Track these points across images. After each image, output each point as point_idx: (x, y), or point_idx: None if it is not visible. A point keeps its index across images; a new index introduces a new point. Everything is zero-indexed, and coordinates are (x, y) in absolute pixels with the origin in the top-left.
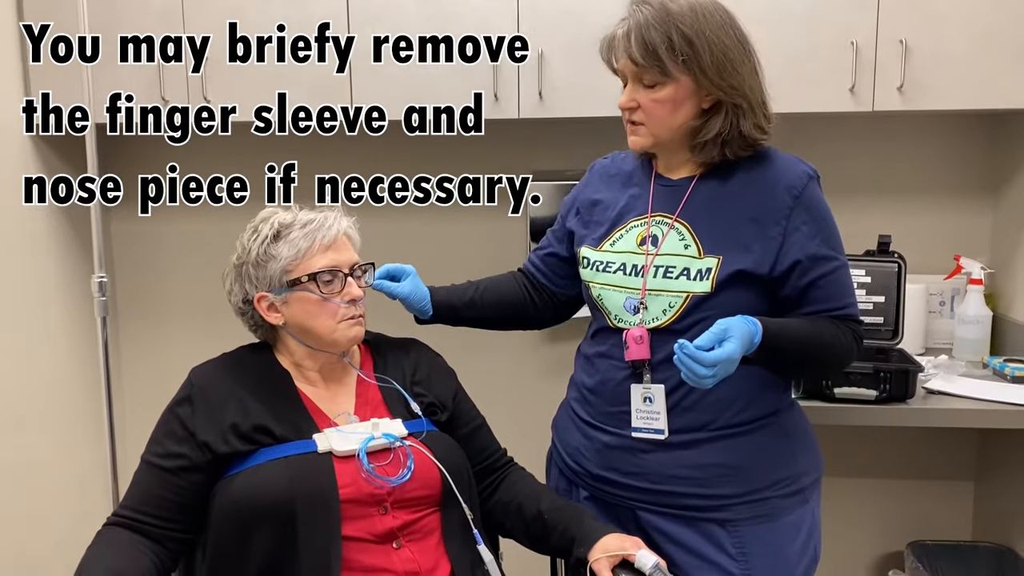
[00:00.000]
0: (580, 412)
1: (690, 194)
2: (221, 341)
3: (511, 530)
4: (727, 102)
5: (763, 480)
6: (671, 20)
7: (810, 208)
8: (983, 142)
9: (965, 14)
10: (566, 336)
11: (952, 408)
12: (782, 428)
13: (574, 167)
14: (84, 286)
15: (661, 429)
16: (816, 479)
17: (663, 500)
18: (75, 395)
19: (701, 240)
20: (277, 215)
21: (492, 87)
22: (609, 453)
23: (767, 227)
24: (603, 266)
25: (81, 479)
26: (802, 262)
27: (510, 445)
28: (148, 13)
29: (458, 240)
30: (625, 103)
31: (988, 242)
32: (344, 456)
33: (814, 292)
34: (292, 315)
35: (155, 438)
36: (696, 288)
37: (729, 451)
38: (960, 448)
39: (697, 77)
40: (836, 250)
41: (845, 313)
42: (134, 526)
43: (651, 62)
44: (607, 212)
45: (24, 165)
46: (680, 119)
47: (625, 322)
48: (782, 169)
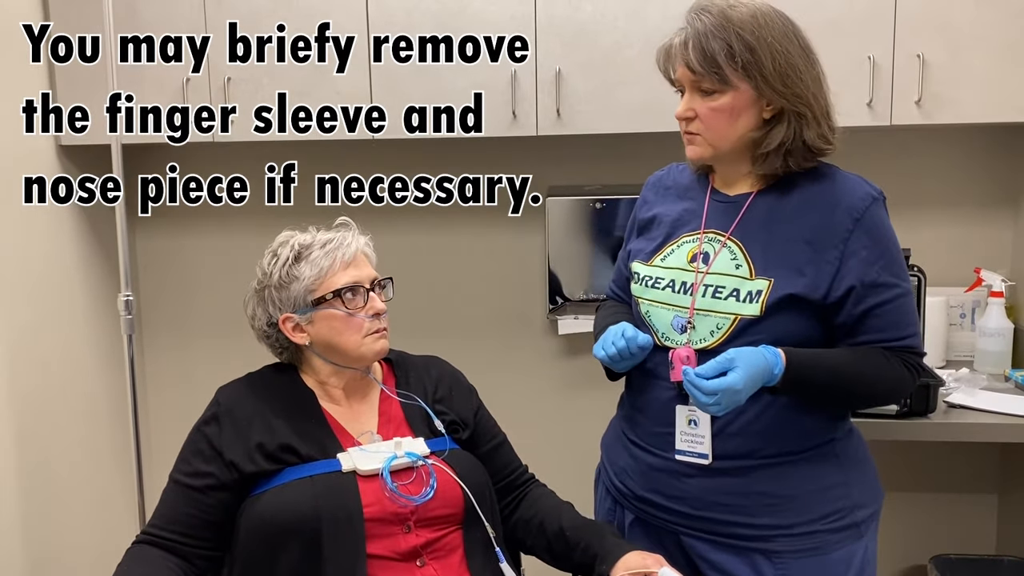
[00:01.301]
0: (627, 431)
1: (746, 211)
2: (246, 356)
3: (533, 547)
4: (790, 111)
5: (812, 512)
6: (731, 27)
7: (871, 232)
8: (1003, 154)
9: (982, 28)
10: (583, 350)
11: (974, 422)
12: (836, 457)
13: (591, 183)
14: (110, 303)
15: (705, 453)
16: (873, 512)
17: (706, 527)
18: (101, 412)
19: (753, 260)
20: (295, 237)
21: (510, 105)
22: (653, 475)
23: (823, 250)
24: (652, 282)
25: (107, 496)
26: (857, 288)
27: (530, 461)
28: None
29: (473, 256)
30: (682, 112)
31: (1009, 254)
32: (368, 475)
33: (871, 321)
34: (318, 333)
35: (183, 457)
36: (745, 311)
37: (777, 480)
38: (983, 461)
39: (758, 85)
40: (898, 277)
41: (903, 345)
42: (162, 544)
43: (709, 69)
44: (660, 227)
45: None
46: (740, 129)
47: (672, 341)
48: (844, 189)
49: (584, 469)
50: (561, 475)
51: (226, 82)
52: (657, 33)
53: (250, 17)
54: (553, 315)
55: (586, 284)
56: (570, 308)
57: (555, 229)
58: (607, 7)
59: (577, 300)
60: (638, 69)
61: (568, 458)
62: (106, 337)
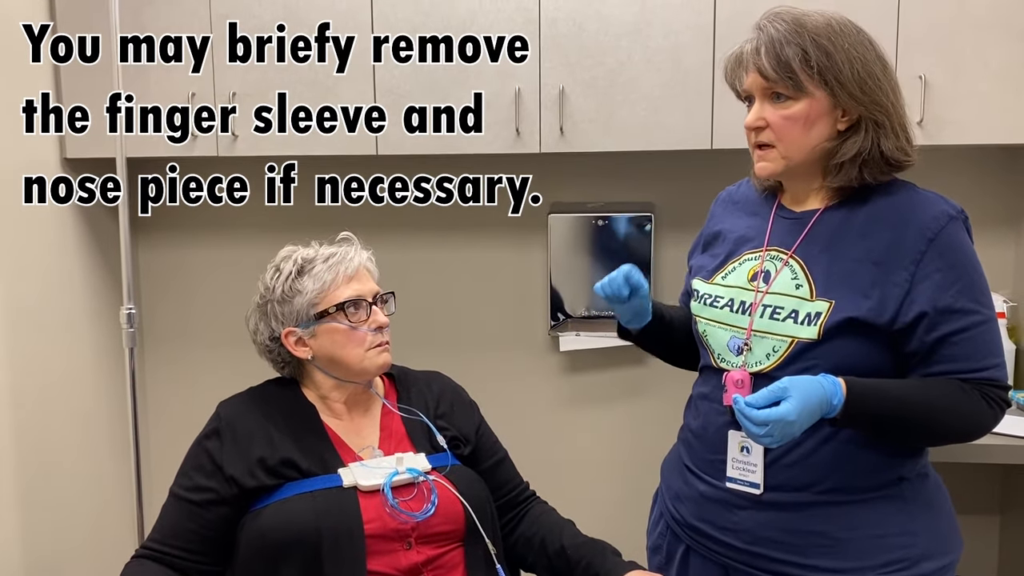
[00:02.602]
0: (684, 456)
1: (811, 228)
2: (248, 370)
3: (533, 565)
4: (868, 119)
5: (870, 559)
6: (806, 33)
7: (946, 254)
8: (1004, 176)
9: (983, 50)
10: (584, 367)
11: (975, 443)
12: (903, 501)
13: (594, 200)
14: (112, 315)
15: (756, 483)
16: (944, 566)
17: (755, 562)
18: (101, 424)
19: (815, 280)
20: (298, 252)
21: (514, 122)
22: (704, 504)
23: (892, 272)
24: (711, 300)
25: (107, 509)
26: (929, 315)
27: (532, 478)
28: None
29: (475, 272)
30: (752, 122)
31: (1011, 275)
32: (369, 491)
33: (946, 350)
34: (320, 347)
35: (183, 471)
36: (802, 333)
37: (833, 519)
38: (985, 483)
39: (835, 91)
40: (979, 303)
41: (983, 377)
42: (162, 558)
43: (784, 74)
44: (724, 243)
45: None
46: (814, 139)
47: (728, 363)
48: (918, 207)
49: (585, 486)
50: (562, 492)
51: (231, 97)
52: (660, 52)
53: (252, 19)
54: (555, 332)
55: (587, 301)
56: (571, 325)
57: (557, 246)
58: (611, 26)
59: (579, 317)
60: (641, 88)
61: (569, 475)
62: (107, 349)
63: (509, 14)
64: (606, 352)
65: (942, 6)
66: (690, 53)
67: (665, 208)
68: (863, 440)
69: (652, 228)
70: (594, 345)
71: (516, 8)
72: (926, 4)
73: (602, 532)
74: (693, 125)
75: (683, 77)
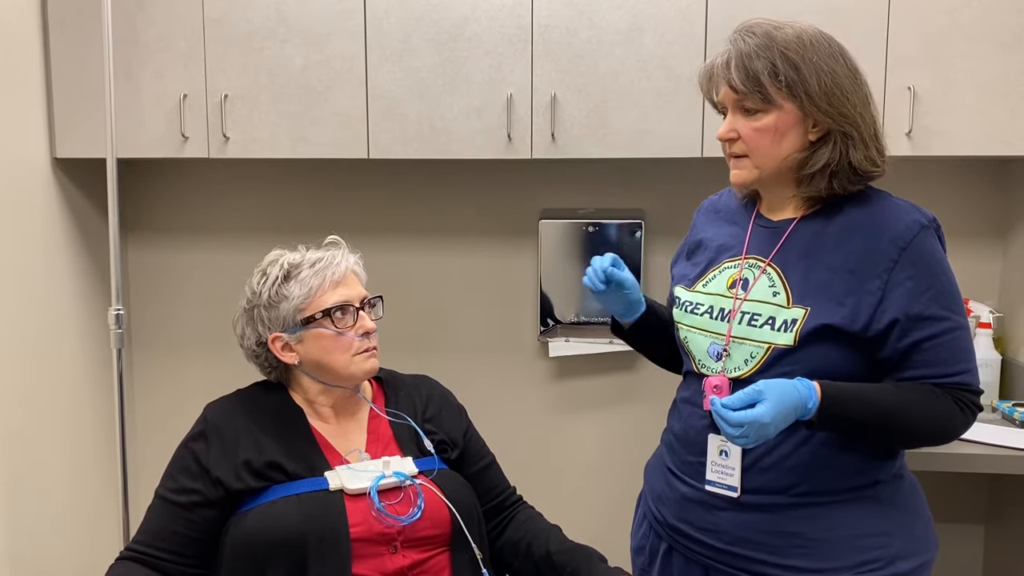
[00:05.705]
0: (667, 458)
1: (787, 237)
2: (235, 372)
3: (520, 570)
4: (836, 131)
5: (845, 559)
6: (775, 46)
7: (918, 262)
8: (992, 187)
9: (972, 61)
10: (572, 373)
11: (961, 453)
12: (878, 503)
13: (585, 206)
14: (99, 316)
15: (734, 486)
16: (918, 566)
17: (734, 562)
18: (87, 426)
19: (792, 288)
20: (285, 256)
21: (505, 128)
22: (685, 505)
23: (866, 280)
24: (692, 307)
25: (92, 511)
26: (901, 321)
27: (519, 483)
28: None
29: (465, 276)
30: (724, 133)
31: (997, 286)
32: (355, 494)
33: (918, 355)
34: (307, 353)
35: (169, 473)
36: (778, 340)
37: (810, 521)
38: (970, 492)
39: (804, 104)
40: (950, 310)
41: (955, 382)
42: (146, 560)
43: (752, 87)
44: (705, 252)
45: (47, 197)
46: (785, 150)
47: (708, 368)
48: (891, 216)
49: (572, 491)
50: (549, 497)
51: (223, 99)
52: (652, 59)
53: (244, 23)
54: (544, 337)
55: (577, 307)
56: (561, 330)
57: (547, 252)
58: (603, 33)
59: (568, 323)
60: (633, 95)
61: (556, 481)
62: (95, 349)
63: (502, 20)
64: (595, 358)
65: (931, 18)
66: (682, 61)
67: (655, 215)
68: (838, 444)
69: (642, 235)
70: (583, 351)
71: (509, 15)
72: (915, 16)
73: (589, 536)
74: (684, 133)
75: (675, 85)
